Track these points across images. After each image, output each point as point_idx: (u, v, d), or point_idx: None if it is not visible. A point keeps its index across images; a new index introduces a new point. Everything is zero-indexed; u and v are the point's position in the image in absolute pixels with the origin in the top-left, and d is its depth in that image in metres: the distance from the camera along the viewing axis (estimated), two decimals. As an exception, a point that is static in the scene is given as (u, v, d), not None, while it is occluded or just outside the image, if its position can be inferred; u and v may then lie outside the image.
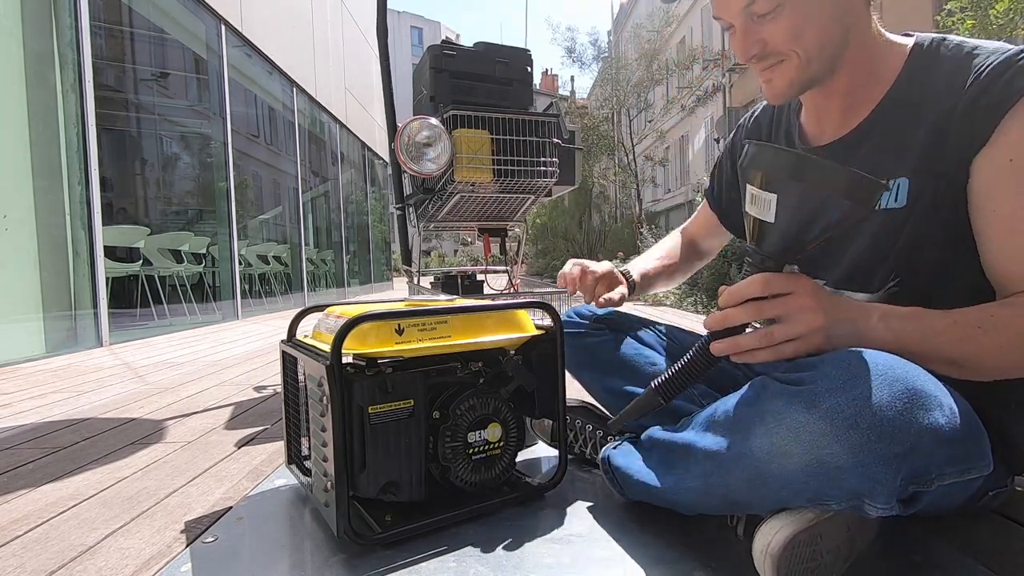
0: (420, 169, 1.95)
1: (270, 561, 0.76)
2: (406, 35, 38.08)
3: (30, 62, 3.32)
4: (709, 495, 0.68)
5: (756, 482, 0.61)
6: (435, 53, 2.10)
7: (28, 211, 3.28)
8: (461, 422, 0.84)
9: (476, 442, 0.85)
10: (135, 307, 4.75)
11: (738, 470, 0.62)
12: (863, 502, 0.55)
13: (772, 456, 0.58)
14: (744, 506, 0.67)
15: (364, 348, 0.77)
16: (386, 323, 0.78)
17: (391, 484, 0.79)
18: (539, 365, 0.91)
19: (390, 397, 0.78)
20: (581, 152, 2.35)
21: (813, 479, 0.56)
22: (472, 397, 0.85)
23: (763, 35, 0.70)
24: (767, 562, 0.60)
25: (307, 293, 7.74)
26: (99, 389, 2.15)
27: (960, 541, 0.75)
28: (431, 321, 0.81)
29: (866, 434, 0.52)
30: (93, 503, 1.03)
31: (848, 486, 0.55)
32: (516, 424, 0.89)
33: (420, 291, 2.39)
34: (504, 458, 0.88)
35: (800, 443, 0.56)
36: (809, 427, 0.55)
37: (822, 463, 0.55)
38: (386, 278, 13.36)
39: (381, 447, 0.77)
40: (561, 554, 0.76)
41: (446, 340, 0.82)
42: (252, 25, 5.85)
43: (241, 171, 6.17)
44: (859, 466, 0.53)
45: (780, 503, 0.62)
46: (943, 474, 0.57)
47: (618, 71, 15.08)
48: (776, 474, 0.59)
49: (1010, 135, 0.62)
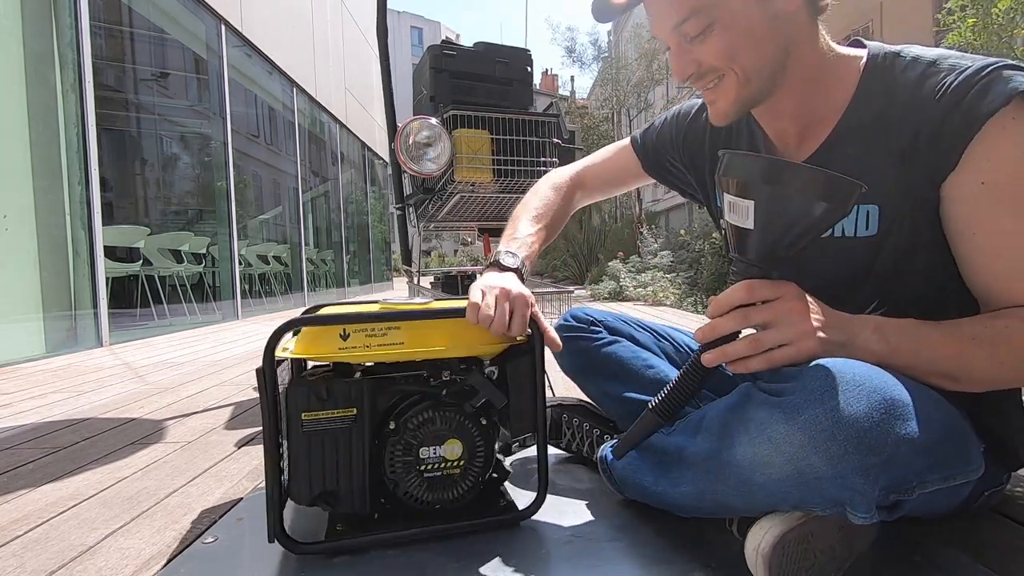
0: (420, 169, 1.95)
1: (270, 561, 0.76)
2: (406, 35, 38.08)
3: (30, 62, 3.32)
4: (702, 500, 0.69)
5: (743, 489, 0.62)
6: (435, 53, 2.10)
7: (28, 211, 3.28)
8: (412, 436, 0.78)
9: (430, 459, 0.78)
10: (135, 307, 4.75)
11: (726, 477, 0.63)
12: (845, 509, 0.56)
13: (755, 466, 0.59)
14: (737, 510, 0.67)
15: (304, 353, 0.74)
16: (329, 328, 0.74)
17: (327, 493, 0.76)
18: (515, 378, 0.82)
19: (327, 404, 0.75)
20: (581, 152, 2.35)
21: (795, 488, 0.57)
22: (427, 410, 0.78)
23: (696, 55, 0.69)
24: (759, 562, 0.60)
25: (307, 293, 7.74)
26: (99, 389, 2.15)
27: (960, 541, 0.75)
28: (381, 327, 0.75)
29: (843, 445, 0.53)
30: (93, 503, 1.03)
31: (829, 495, 0.56)
32: (484, 443, 0.81)
33: (420, 291, 2.39)
34: (466, 478, 0.80)
35: (781, 454, 0.56)
36: (789, 439, 0.56)
37: (802, 473, 0.56)
38: (386, 278, 13.37)
39: (315, 455, 0.75)
40: (561, 554, 0.76)
41: (397, 347, 0.75)
42: (252, 25, 5.85)
43: (241, 171, 6.17)
44: (838, 477, 0.54)
45: (770, 508, 0.62)
46: (924, 482, 0.58)
47: (618, 71, 15.08)
48: (760, 483, 0.59)
49: (978, 160, 0.61)
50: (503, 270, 0.87)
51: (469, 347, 0.79)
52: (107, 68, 5.17)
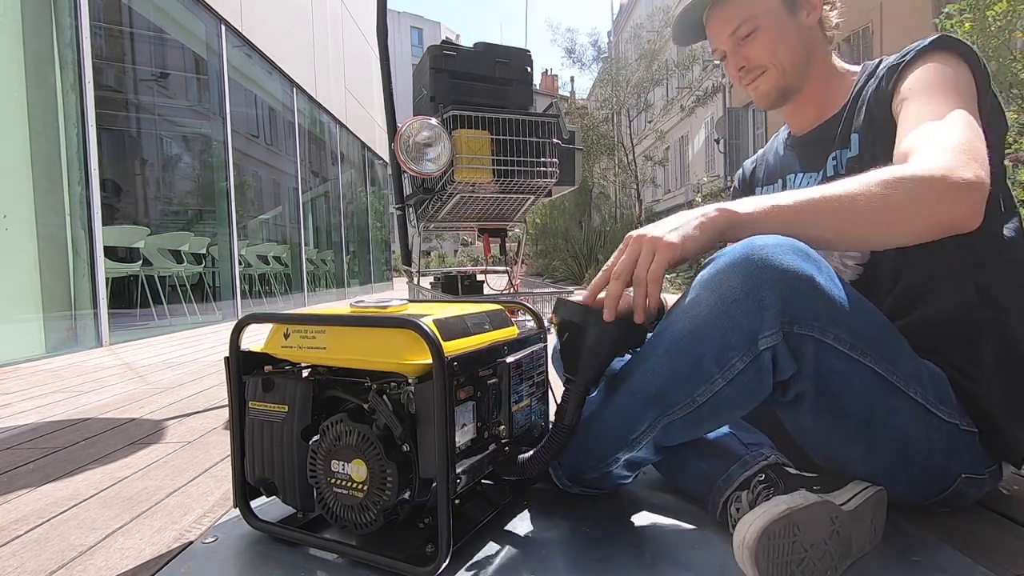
0: (420, 169, 1.95)
1: (270, 561, 0.76)
2: (406, 35, 38.09)
3: (30, 62, 3.32)
4: (633, 397, 0.75)
5: (673, 351, 0.71)
6: (435, 53, 2.10)
7: (28, 211, 3.28)
8: (329, 445, 0.74)
9: (339, 473, 0.73)
10: (135, 307, 4.75)
11: (658, 349, 0.73)
12: (757, 343, 0.65)
13: (686, 312, 0.70)
14: (666, 397, 0.72)
15: (257, 347, 0.81)
16: (279, 326, 0.79)
17: (268, 482, 0.80)
18: (421, 404, 0.70)
19: (268, 398, 0.79)
20: (581, 152, 2.35)
21: (717, 321, 0.67)
22: (340, 422, 0.74)
23: (746, 53, 0.94)
24: (745, 555, 0.61)
25: (307, 293, 7.73)
26: (99, 389, 2.15)
27: (959, 541, 0.75)
28: (311, 330, 0.76)
29: (754, 263, 0.65)
30: (93, 503, 1.03)
31: (744, 325, 0.65)
32: (395, 472, 0.70)
33: (420, 291, 2.39)
34: (370, 507, 0.71)
35: (707, 288, 0.68)
36: (714, 274, 0.68)
37: (722, 298, 0.66)
38: (386, 278, 13.37)
39: (256, 443, 0.80)
40: (561, 554, 0.76)
41: (319, 351, 0.75)
42: (252, 25, 5.85)
43: (241, 171, 6.18)
44: (749, 293, 0.65)
45: (695, 372, 0.69)
46: (826, 331, 0.66)
47: (618, 71, 15.07)
48: (689, 330, 0.69)
49: (905, 79, 0.82)
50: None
51: (381, 360, 0.71)
52: (107, 68, 5.18)
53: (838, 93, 0.94)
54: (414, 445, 0.71)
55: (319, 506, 0.76)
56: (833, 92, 0.95)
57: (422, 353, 0.68)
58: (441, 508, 0.67)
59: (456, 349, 0.72)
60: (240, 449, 0.82)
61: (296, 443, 0.77)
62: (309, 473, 0.76)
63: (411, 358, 0.69)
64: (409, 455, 0.71)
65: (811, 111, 0.98)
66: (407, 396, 0.72)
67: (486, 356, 0.76)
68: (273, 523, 0.82)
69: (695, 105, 15.44)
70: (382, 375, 0.74)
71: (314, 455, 0.76)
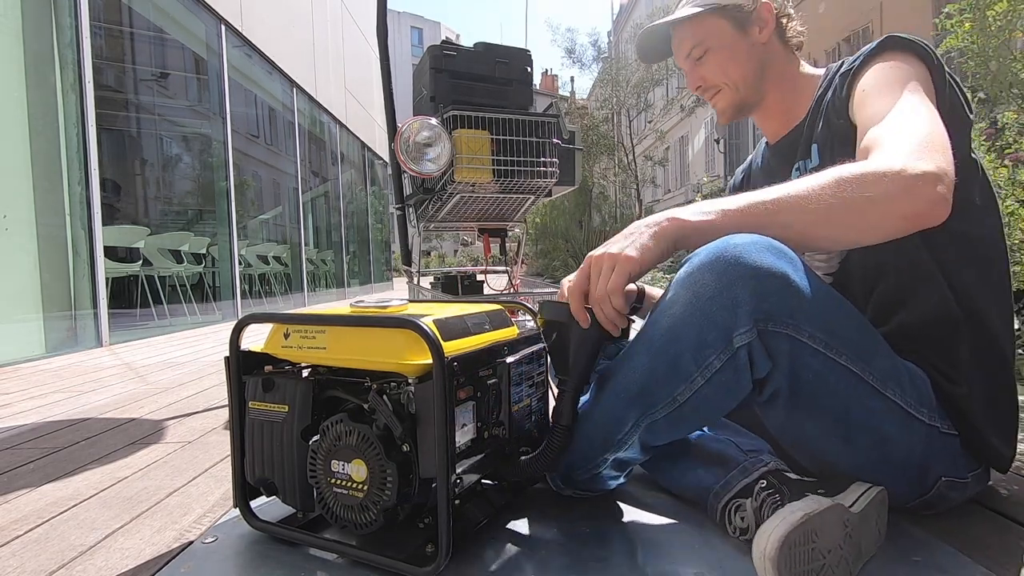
0: (420, 169, 1.95)
1: (270, 561, 0.76)
2: (406, 35, 38.10)
3: (30, 62, 3.32)
4: (617, 397, 0.76)
5: (653, 350, 0.72)
6: (435, 53, 2.10)
7: (28, 211, 3.28)
8: (329, 445, 0.74)
9: (339, 473, 0.73)
10: (135, 307, 4.75)
11: (639, 348, 0.74)
12: (733, 341, 0.66)
13: (664, 311, 0.71)
14: (648, 397, 0.73)
15: (257, 347, 0.81)
16: (279, 326, 0.79)
17: (268, 482, 0.80)
18: (422, 404, 0.70)
19: (268, 398, 0.79)
20: (581, 152, 2.35)
21: (693, 319, 0.68)
22: (340, 422, 0.74)
23: (701, 73, 0.99)
24: (767, 566, 0.60)
25: (307, 293, 7.74)
26: (99, 389, 2.15)
27: (959, 541, 0.75)
28: (311, 330, 0.76)
29: (727, 261, 0.66)
30: (93, 503, 1.03)
31: (719, 321, 0.66)
32: (396, 473, 0.70)
33: (420, 291, 2.39)
34: (370, 507, 0.71)
35: (683, 286, 0.69)
36: (689, 273, 0.69)
37: (698, 296, 0.67)
38: (386, 278, 13.37)
39: (256, 443, 0.80)
40: (561, 554, 0.76)
41: (319, 351, 0.75)
42: (252, 25, 5.85)
43: (241, 171, 6.18)
44: (723, 290, 0.65)
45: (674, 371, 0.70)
46: (801, 329, 0.67)
47: (618, 71, 15.07)
48: (667, 328, 0.71)
49: (858, 83, 0.82)
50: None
51: (381, 360, 0.71)
52: (107, 68, 5.18)
53: (802, 100, 0.96)
54: (414, 445, 0.71)
55: (319, 506, 0.76)
56: (797, 100, 0.96)
57: (422, 353, 0.67)
58: (441, 508, 0.67)
59: (456, 349, 0.72)
60: (240, 449, 0.81)
61: (296, 443, 0.77)
62: (309, 473, 0.76)
63: (411, 358, 0.69)
64: (409, 455, 0.71)
65: (776, 121, 1.01)
66: (407, 396, 0.72)
67: (486, 356, 0.76)
68: (273, 523, 0.82)
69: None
70: (382, 375, 0.74)
71: (314, 455, 0.76)
